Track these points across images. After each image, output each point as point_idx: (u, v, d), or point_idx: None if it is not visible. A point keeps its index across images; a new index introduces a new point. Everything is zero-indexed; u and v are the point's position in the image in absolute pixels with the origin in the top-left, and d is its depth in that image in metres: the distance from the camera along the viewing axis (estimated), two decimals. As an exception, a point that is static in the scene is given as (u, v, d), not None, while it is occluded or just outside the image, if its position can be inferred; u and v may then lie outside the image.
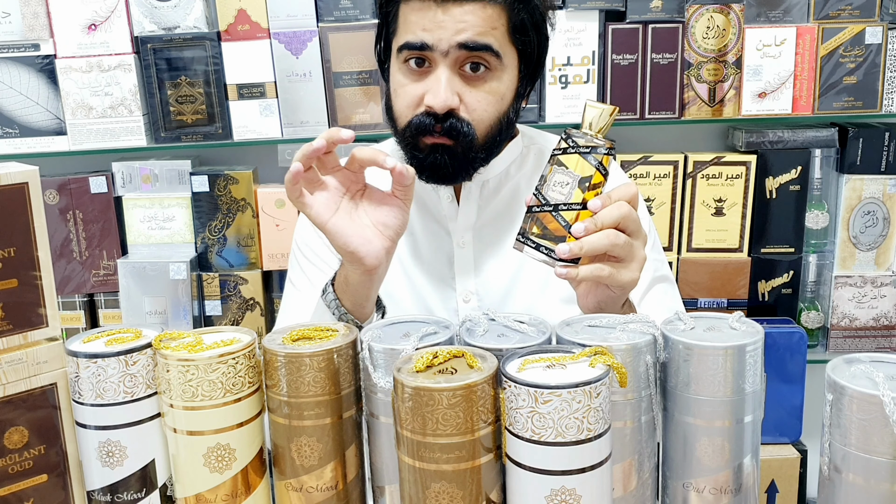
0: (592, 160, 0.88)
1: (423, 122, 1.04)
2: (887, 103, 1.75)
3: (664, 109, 1.75)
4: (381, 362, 0.73)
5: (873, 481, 0.64)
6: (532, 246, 0.89)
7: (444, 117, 1.03)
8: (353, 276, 0.96)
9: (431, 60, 1.04)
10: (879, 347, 1.84)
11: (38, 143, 1.75)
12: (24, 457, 0.77)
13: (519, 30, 1.06)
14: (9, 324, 0.76)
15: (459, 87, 1.04)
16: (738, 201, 1.78)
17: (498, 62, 1.04)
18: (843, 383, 0.64)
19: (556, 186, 0.88)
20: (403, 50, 1.05)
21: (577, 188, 0.87)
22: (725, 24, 1.72)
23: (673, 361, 0.72)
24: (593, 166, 0.87)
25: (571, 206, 0.87)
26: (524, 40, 1.07)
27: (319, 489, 0.74)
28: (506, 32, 1.05)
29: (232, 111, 1.74)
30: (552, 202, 0.88)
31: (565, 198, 0.88)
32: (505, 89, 1.07)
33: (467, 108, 1.05)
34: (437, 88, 1.02)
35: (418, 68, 1.05)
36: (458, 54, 1.02)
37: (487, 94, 1.05)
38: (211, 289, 1.79)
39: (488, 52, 1.03)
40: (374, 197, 0.95)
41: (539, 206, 0.89)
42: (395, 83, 1.09)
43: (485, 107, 1.05)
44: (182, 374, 0.71)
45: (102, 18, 1.70)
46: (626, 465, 0.73)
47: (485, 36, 1.02)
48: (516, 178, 1.19)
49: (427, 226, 1.19)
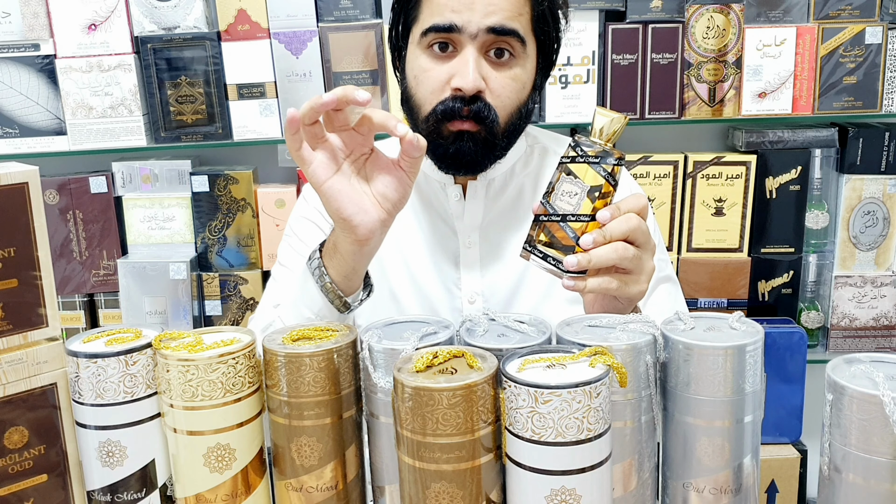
0: (601, 170, 0.87)
1: (449, 108, 1.03)
2: (887, 103, 1.75)
3: (664, 109, 1.76)
4: (381, 362, 0.73)
5: (873, 481, 0.64)
6: (539, 256, 0.88)
7: (472, 100, 1.02)
8: (342, 243, 0.92)
9: (457, 43, 1.03)
10: (879, 347, 1.84)
11: (38, 143, 1.75)
12: (24, 457, 0.77)
13: (540, 20, 1.06)
14: (9, 324, 0.76)
15: (486, 70, 1.03)
16: (738, 201, 1.78)
17: (522, 49, 1.04)
18: (843, 383, 0.64)
19: (564, 196, 0.87)
20: (429, 33, 1.03)
21: (585, 198, 0.86)
22: (725, 24, 1.72)
23: (673, 361, 0.72)
24: (602, 177, 0.87)
25: (580, 216, 0.86)
26: (545, 30, 1.07)
27: (319, 489, 0.74)
28: (529, 21, 1.05)
29: (232, 111, 1.74)
30: (560, 212, 0.87)
31: (573, 208, 0.87)
32: (526, 78, 1.07)
33: (492, 92, 1.03)
34: (465, 70, 1.01)
35: (443, 52, 1.04)
36: (485, 38, 1.01)
37: (512, 80, 1.05)
38: (211, 289, 1.79)
39: (515, 37, 1.02)
40: (378, 164, 0.91)
41: (546, 215, 0.88)
42: (416, 69, 1.07)
43: (509, 93, 1.05)
44: (182, 374, 0.71)
45: (102, 18, 1.70)
46: (626, 465, 0.73)
47: (512, 21, 1.02)
48: (521, 176, 1.19)
49: (434, 224, 1.18)
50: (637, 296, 0.90)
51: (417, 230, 1.19)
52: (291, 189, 1.79)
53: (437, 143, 1.05)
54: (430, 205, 1.18)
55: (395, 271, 1.18)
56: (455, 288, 1.17)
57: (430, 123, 1.05)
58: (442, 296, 1.16)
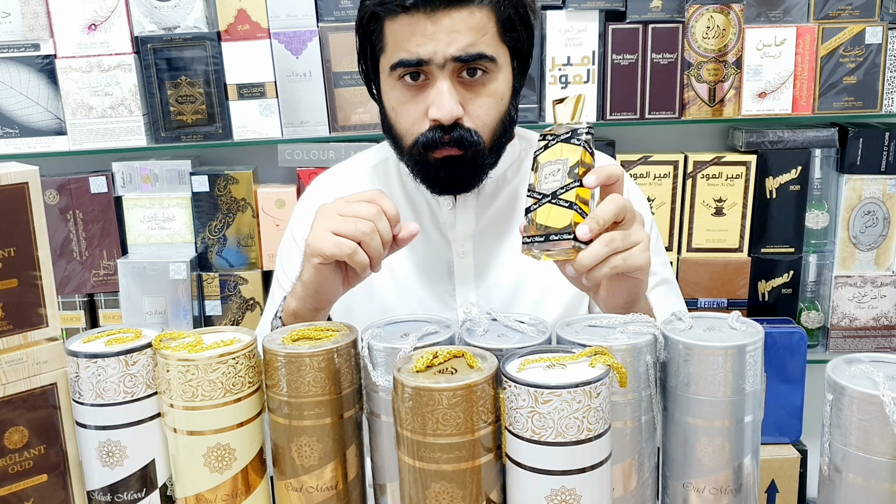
0: (576, 141, 0.87)
1: (430, 139, 1.03)
2: (887, 103, 1.75)
3: (664, 109, 1.75)
4: (381, 361, 0.73)
5: (873, 481, 0.64)
6: (540, 241, 0.85)
7: (451, 128, 1.02)
8: (302, 309, 0.96)
9: (428, 73, 1.03)
10: (879, 347, 1.84)
11: (38, 143, 1.75)
12: (24, 457, 0.77)
13: (508, 27, 1.05)
14: (9, 324, 0.76)
15: (461, 95, 1.03)
16: (738, 201, 1.78)
17: (494, 65, 1.04)
18: (843, 383, 0.64)
19: (548, 178, 0.87)
20: (398, 68, 1.03)
21: (568, 170, 0.86)
22: (725, 24, 1.72)
23: (673, 361, 0.72)
24: (579, 146, 0.86)
25: (568, 186, 0.85)
26: (514, 36, 1.06)
27: (319, 489, 0.74)
28: (496, 34, 1.04)
29: (232, 111, 1.74)
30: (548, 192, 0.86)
31: (560, 183, 0.85)
32: (503, 89, 1.06)
33: (471, 115, 1.03)
34: (440, 101, 1.01)
35: (415, 82, 1.04)
36: (454, 66, 1.01)
37: (488, 97, 1.04)
38: (211, 289, 1.79)
39: (483, 59, 1.02)
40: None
41: (536, 202, 0.86)
42: (393, 102, 1.07)
43: (487, 111, 1.04)
44: (182, 374, 0.71)
45: (102, 18, 1.70)
46: (626, 465, 0.73)
47: (476, 45, 1.01)
48: (513, 182, 1.18)
49: (427, 234, 1.17)
50: (645, 264, 0.87)
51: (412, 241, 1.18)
52: (291, 189, 1.79)
53: (426, 170, 1.07)
54: (421, 215, 1.17)
55: (386, 285, 1.17)
56: (449, 298, 1.15)
57: (415, 153, 1.06)
58: (436, 307, 1.14)
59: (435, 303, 1.15)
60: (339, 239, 0.89)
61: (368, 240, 0.89)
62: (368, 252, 0.90)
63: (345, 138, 1.76)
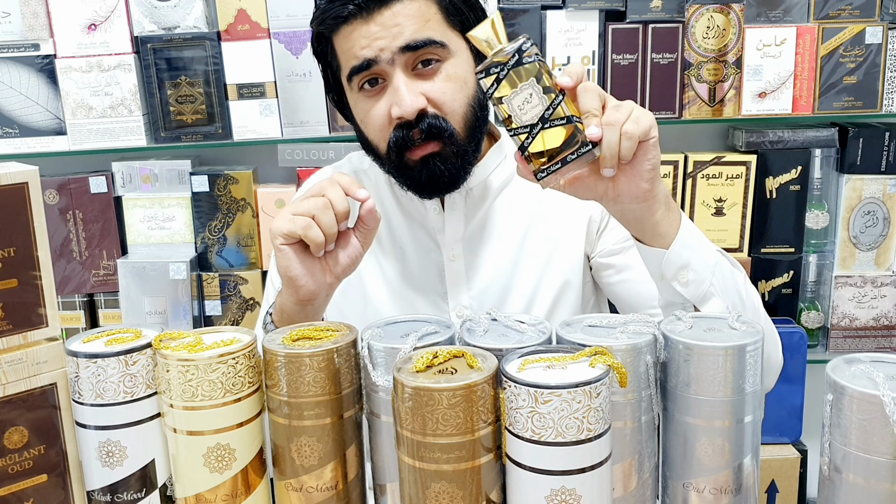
0: (528, 60, 0.83)
1: (400, 137, 1.02)
2: (887, 103, 1.75)
3: (664, 109, 1.75)
4: (381, 361, 0.73)
5: (873, 481, 0.64)
6: (557, 167, 0.83)
7: (418, 120, 1.01)
8: (287, 303, 0.95)
9: (383, 75, 1.03)
10: (879, 347, 1.84)
11: (38, 143, 1.75)
12: (24, 457, 0.77)
13: (452, 12, 1.04)
14: (9, 324, 0.76)
15: (420, 86, 1.02)
16: (739, 201, 1.78)
17: (445, 51, 1.03)
18: (843, 383, 0.64)
19: (524, 107, 0.83)
20: (353, 77, 1.03)
21: (542, 90, 0.83)
22: (725, 23, 1.72)
23: (673, 361, 0.72)
24: (533, 62, 0.83)
25: (553, 104, 0.83)
26: (461, 20, 1.05)
27: (319, 489, 0.74)
28: (442, 20, 1.03)
29: (232, 111, 1.74)
30: (536, 119, 0.83)
31: (542, 105, 0.83)
32: (463, 73, 1.05)
33: (435, 103, 1.03)
34: (398, 97, 1.01)
35: (373, 88, 1.04)
36: (404, 58, 1.01)
37: (448, 82, 1.03)
38: (211, 289, 1.79)
39: (432, 45, 1.01)
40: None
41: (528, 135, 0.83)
42: (360, 113, 1.07)
43: (451, 95, 1.03)
44: (182, 374, 0.71)
45: (102, 18, 1.70)
46: (626, 465, 0.73)
47: (422, 31, 1.01)
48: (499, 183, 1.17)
49: (417, 238, 1.16)
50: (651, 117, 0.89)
51: (401, 244, 1.17)
52: (291, 189, 1.79)
53: (408, 174, 1.06)
54: (412, 219, 1.17)
55: (379, 290, 1.17)
56: (442, 302, 1.15)
57: (392, 159, 1.05)
58: (429, 311, 1.14)
59: (428, 306, 1.15)
60: (295, 216, 0.90)
61: (320, 213, 0.89)
62: (321, 226, 0.89)
63: (345, 138, 1.76)
